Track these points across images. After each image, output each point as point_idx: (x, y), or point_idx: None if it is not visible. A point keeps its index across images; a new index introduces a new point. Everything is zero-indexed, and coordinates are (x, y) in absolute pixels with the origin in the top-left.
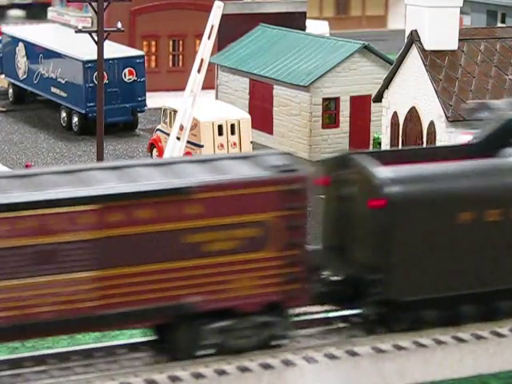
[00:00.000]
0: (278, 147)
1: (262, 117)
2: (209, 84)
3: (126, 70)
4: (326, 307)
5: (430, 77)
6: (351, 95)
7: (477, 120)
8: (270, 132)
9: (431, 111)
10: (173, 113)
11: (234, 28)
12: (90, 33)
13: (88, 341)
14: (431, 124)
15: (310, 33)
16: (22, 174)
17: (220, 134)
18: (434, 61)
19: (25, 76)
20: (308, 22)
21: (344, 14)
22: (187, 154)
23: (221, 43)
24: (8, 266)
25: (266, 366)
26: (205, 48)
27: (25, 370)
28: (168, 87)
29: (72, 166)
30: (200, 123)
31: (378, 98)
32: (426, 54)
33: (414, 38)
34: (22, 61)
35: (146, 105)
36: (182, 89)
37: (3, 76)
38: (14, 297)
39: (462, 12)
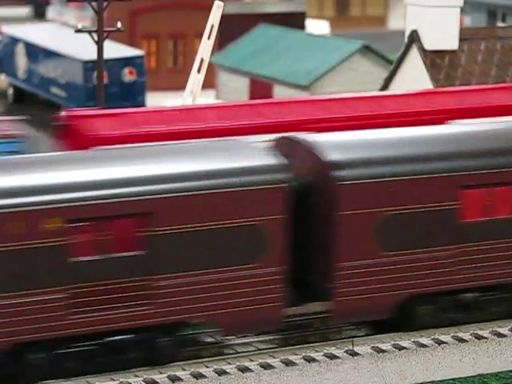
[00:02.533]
0: None
1: None
2: (209, 84)
3: (126, 70)
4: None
5: (430, 76)
6: None
7: None
8: None
9: None
10: None
11: (234, 28)
12: (89, 32)
13: None
14: None
15: (310, 33)
16: None
17: None
18: (435, 60)
19: (25, 76)
20: (308, 22)
21: (344, 14)
22: None
23: (221, 43)
24: None
25: (266, 366)
26: (205, 48)
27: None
28: (168, 87)
29: None
30: None
31: None
32: (426, 54)
33: (414, 37)
34: (21, 61)
35: (145, 105)
36: (182, 89)
37: (3, 76)
38: None
39: (462, 12)
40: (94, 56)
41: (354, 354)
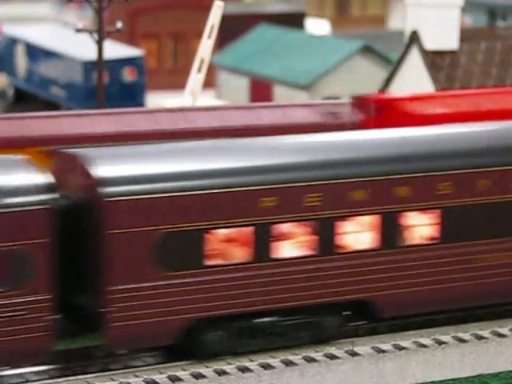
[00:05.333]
0: None
1: None
2: (209, 84)
3: (126, 70)
4: None
5: (430, 77)
6: (351, 95)
7: None
8: None
9: None
10: None
11: (234, 28)
12: (90, 32)
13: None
14: None
15: (310, 33)
16: None
17: None
18: (435, 61)
19: (25, 76)
20: (308, 22)
21: (344, 14)
22: None
23: (221, 43)
24: None
25: (266, 366)
26: (205, 48)
27: (25, 370)
28: (168, 87)
29: None
30: None
31: None
32: (426, 54)
33: (414, 38)
34: (21, 61)
35: (145, 105)
36: (182, 89)
37: (3, 76)
38: None
39: (462, 12)
40: (94, 56)
41: (354, 354)
